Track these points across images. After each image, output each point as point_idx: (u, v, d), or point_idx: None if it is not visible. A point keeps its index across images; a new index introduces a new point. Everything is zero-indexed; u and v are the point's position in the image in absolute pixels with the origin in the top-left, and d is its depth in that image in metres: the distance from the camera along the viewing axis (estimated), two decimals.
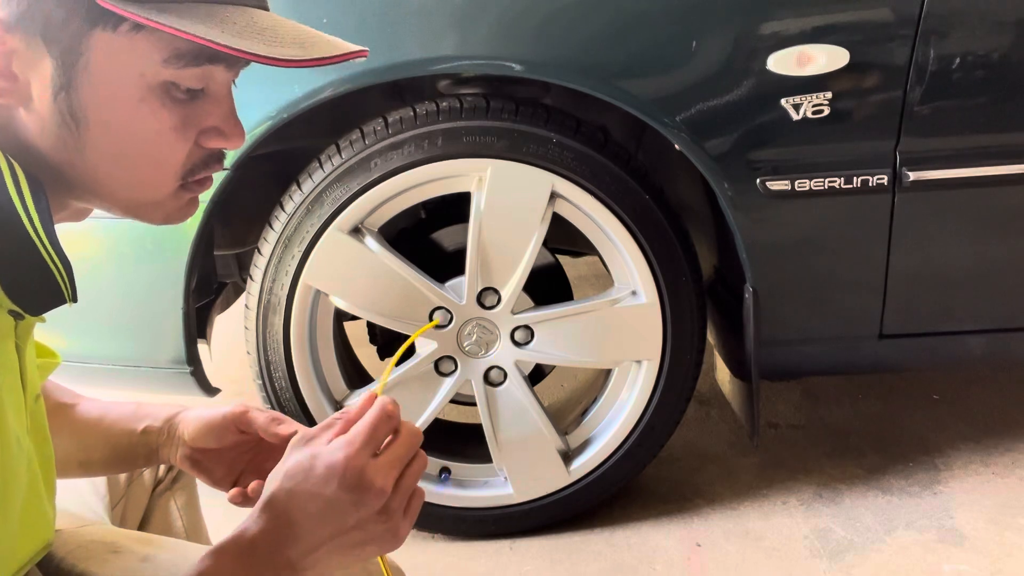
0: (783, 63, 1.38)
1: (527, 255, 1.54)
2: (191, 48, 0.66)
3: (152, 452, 0.93)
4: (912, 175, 1.43)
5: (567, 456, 1.69)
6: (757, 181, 1.45)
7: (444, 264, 1.61)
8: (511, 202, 1.51)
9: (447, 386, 1.63)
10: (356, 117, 1.55)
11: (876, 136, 1.43)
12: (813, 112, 1.40)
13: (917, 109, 1.41)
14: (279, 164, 1.61)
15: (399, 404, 0.74)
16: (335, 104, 1.46)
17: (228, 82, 0.72)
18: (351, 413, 0.73)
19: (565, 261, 1.85)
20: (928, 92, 1.40)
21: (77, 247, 1.49)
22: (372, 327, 1.76)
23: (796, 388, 2.20)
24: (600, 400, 1.70)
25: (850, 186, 1.45)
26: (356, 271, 1.55)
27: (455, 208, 1.63)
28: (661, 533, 1.72)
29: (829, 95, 1.40)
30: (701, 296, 1.60)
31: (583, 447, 1.71)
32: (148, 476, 1.08)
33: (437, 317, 1.58)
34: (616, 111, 1.46)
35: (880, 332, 1.58)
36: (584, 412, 1.73)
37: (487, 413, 1.64)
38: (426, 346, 1.61)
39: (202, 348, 1.68)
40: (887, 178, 1.44)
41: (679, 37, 1.40)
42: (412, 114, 1.49)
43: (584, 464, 1.69)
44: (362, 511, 0.68)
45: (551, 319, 1.60)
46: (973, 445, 1.93)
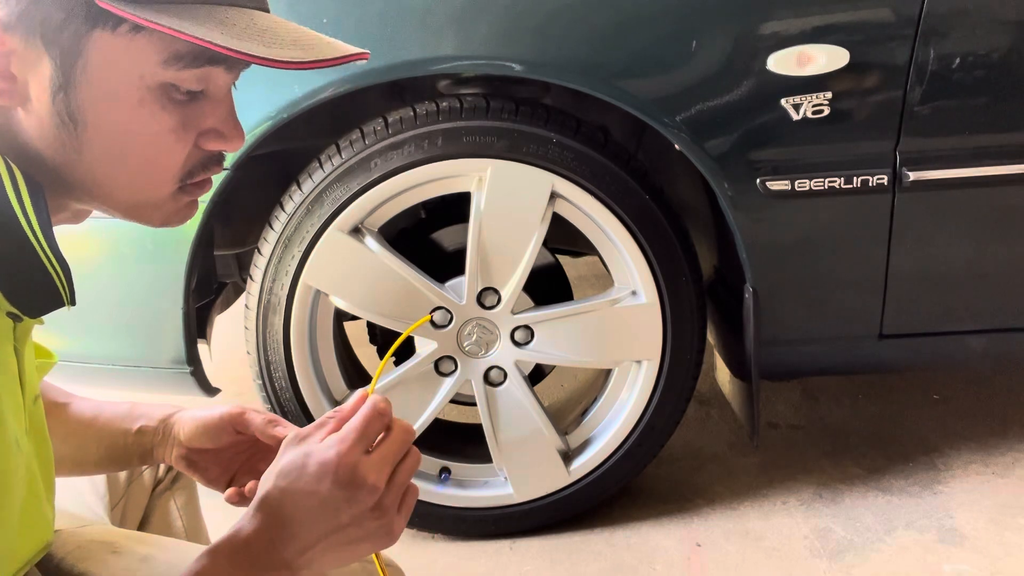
0: (783, 63, 1.38)
1: (527, 255, 1.54)
2: (190, 49, 0.66)
3: (147, 452, 0.93)
4: (912, 175, 1.43)
5: (567, 456, 1.69)
6: (757, 181, 1.45)
7: (444, 264, 1.61)
8: (511, 202, 1.51)
9: (447, 386, 1.63)
10: (356, 117, 1.55)
11: (876, 136, 1.43)
12: (813, 112, 1.40)
13: (917, 109, 1.41)
14: (279, 164, 1.61)
15: (391, 402, 0.73)
16: (335, 104, 1.46)
17: (228, 84, 0.72)
18: (344, 411, 0.73)
19: (565, 261, 1.85)
20: (928, 92, 1.40)
21: (78, 247, 1.49)
22: (372, 327, 1.76)
23: (796, 388, 2.20)
24: (600, 400, 1.70)
25: (850, 186, 1.45)
26: (356, 271, 1.55)
27: (455, 208, 1.63)
28: (661, 533, 1.72)
29: (829, 95, 1.40)
30: (701, 296, 1.60)
31: (583, 447, 1.71)
32: (148, 476, 1.08)
33: (435, 316, 1.58)
34: (616, 111, 1.46)
35: (880, 332, 1.58)
36: (584, 412, 1.73)
37: (487, 413, 1.64)
38: (426, 346, 1.61)
39: (202, 348, 1.68)
40: (887, 178, 1.44)
41: (679, 37, 1.40)
42: (412, 114, 1.49)
43: (584, 464, 1.69)
44: (355, 508, 0.68)
45: (551, 319, 1.61)
46: (973, 445, 1.93)
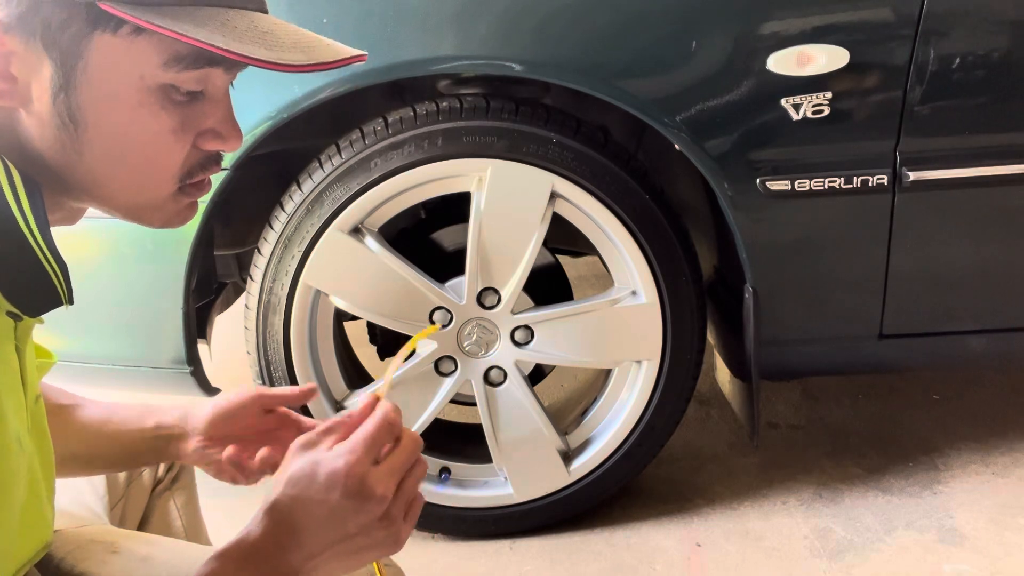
0: (783, 63, 1.38)
1: (527, 255, 1.54)
2: (191, 51, 0.66)
3: (162, 448, 0.95)
4: (912, 175, 1.43)
5: (567, 456, 1.69)
6: (757, 181, 1.45)
7: (444, 264, 1.61)
8: (511, 202, 1.51)
9: (447, 386, 1.63)
10: (356, 117, 1.55)
11: (876, 136, 1.43)
12: (813, 112, 1.40)
13: (917, 109, 1.41)
14: (279, 164, 1.61)
15: (400, 409, 0.74)
16: (335, 104, 1.46)
17: (226, 84, 0.72)
18: (353, 419, 0.73)
19: (565, 261, 1.85)
20: (928, 92, 1.40)
21: (78, 247, 1.49)
22: (372, 327, 1.76)
23: (796, 388, 2.20)
24: (600, 400, 1.70)
25: (850, 186, 1.45)
26: (356, 271, 1.55)
27: (455, 208, 1.63)
28: (661, 533, 1.72)
29: (829, 95, 1.40)
30: (701, 296, 1.60)
31: (583, 447, 1.71)
32: (147, 476, 1.08)
33: (435, 316, 1.58)
34: (616, 111, 1.46)
35: (880, 332, 1.58)
36: (584, 412, 1.73)
37: (487, 413, 1.64)
38: (426, 346, 1.61)
39: (202, 348, 1.68)
40: (887, 178, 1.44)
41: (679, 37, 1.40)
42: (412, 114, 1.49)
43: (584, 464, 1.69)
44: (363, 518, 0.69)
45: (551, 319, 1.61)
46: (973, 445, 1.93)
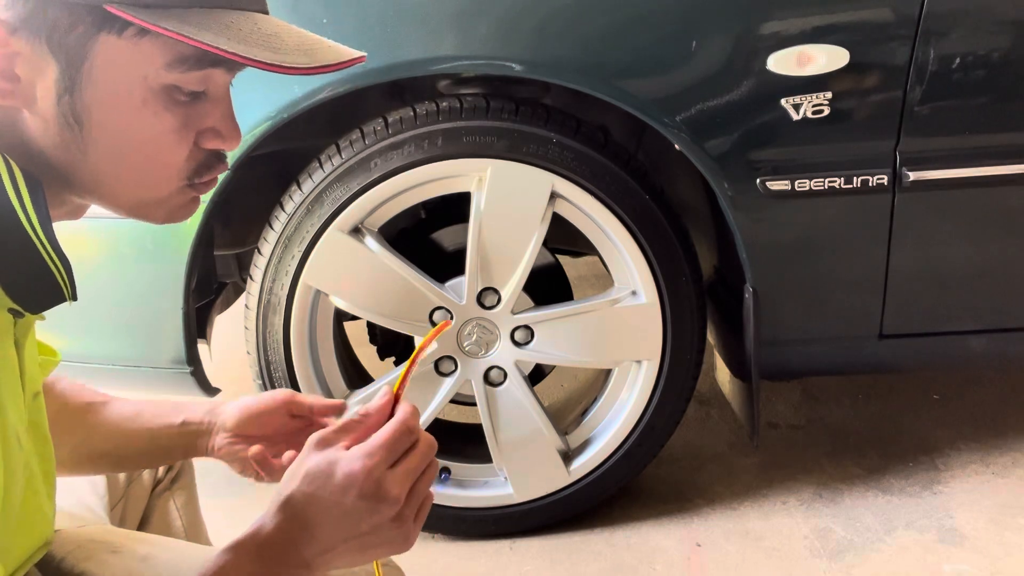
0: (783, 63, 1.38)
1: (527, 255, 1.54)
2: (194, 52, 0.66)
3: (191, 444, 0.96)
4: (912, 175, 1.43)
5: (567, 456, 1.69)
6: (757, 181, 1.45)
7: (444, 264, 1.61)
8: (511, 202, 1.51)
9: (447, 386, 1.63)
10: (356, 117, 1.55)
11: (876, 136, 1.43)
12: (813, 112, 1.40)
13: (917, 109, 1.41)
14: (279, 164, 1.61)
15: (419, 412, 0.75)
16: (335, 104, 1.46)
17: (227, 84, 0.73)
18: (370, 418, 0.74)
19: (565, 261, 1.85)
20: (928, 92, 1.40)
21: (78, 247, 1.49)
22: (372, 327, 1.76)
23: (796, 388, 2.20)
24: (600, 400, 1.70)
25: (850, 186, 1.45)
26: (356, 271, 1.55)
27: (455, 208, 1.63)
28: (661, 533, 1.72)
29: (829, 95, 1.40)
30: (701, 296, 1.60)
31: (583, 447, 1.71)
32: (147, 476, 1.08)
33: (435, 316, 1.58)
34: (616, 111, 1.46)
35: (880, 332, 1.58)
36: (584, 412, 1.73)
37: (487, 413, 1.64)
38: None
39: (202, 348, 1.68)
40: (887, 178, 1.44)
41: (679, 37, 1.40)
42: (412, 114, 1.49)
43: (584, 464, 1.69)
44: (377, 518, 0.70)
45: (551, 319, 1.60)
46: (973, 445, 1.92)
